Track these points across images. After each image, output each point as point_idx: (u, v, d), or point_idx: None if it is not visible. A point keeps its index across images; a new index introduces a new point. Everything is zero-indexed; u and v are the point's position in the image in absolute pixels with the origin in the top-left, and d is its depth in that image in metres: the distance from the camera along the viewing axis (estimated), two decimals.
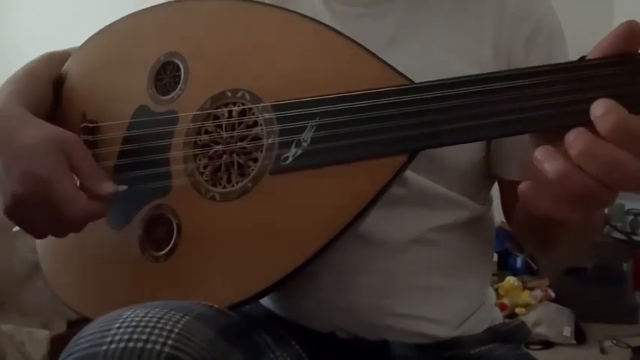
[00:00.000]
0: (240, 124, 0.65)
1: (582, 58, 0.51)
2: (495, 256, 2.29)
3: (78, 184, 0.63)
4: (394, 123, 0.56)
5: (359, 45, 0.61)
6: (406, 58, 0.59)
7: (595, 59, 0.49)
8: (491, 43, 0.71)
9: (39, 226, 0.64)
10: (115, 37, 0.78)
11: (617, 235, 2.45)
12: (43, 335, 1.69)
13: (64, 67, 0.78)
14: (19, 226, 0.66)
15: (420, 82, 0.57)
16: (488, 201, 0.78)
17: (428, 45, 0.70)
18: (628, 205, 2.50)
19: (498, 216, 0.80)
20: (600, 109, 0.44)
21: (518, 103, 0.51)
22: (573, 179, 0.44)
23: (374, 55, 0.61)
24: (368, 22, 0.71)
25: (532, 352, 0.81)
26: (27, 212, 0.62)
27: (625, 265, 2.37)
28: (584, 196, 0.45)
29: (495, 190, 0.78)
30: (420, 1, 0.73)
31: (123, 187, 0.66)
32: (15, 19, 3.28)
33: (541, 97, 0.51)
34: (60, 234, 0.64)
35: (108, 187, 0.64)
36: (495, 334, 0.75)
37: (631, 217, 2.49)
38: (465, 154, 0.71)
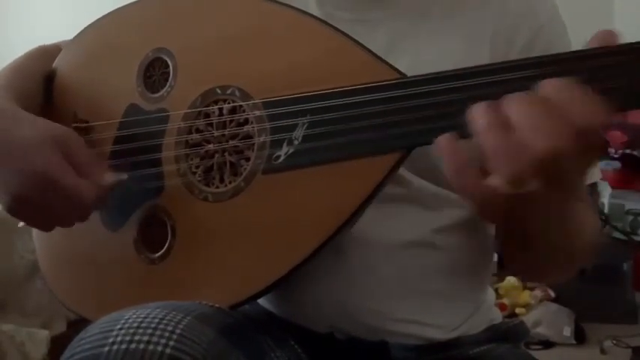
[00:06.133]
0: (231, 122, 0.64)
1: None
2: (495, 256, 2.28)
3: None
4: (388, 119, 0.55)
5: (352, 39, 0.60)
6: (401, 67, 0.58)
7: (594, 48, 0.48)
8: (488, 53, 0.70)
9: (45, 221, 0.65)
10: (103, 32, 0.77)
11: (617, 235, 2.44)
12: (43, 335, 1.69)
13: (54, 64, 0.78)
14: (25, 223, 0.67)
15: (414, 76, 0.55)
16: None
17: (424, 54, 0.69)
18: (628, 205, 2.50)
19: None
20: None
21: None
22: (494, 130, 0.45)
23: (367, 49, 0.60)
24: (362, 28, 0.70)
25: (532, 352, 0.81)
26: (30, 210, 0.63)
27: (625, 265, 2.37)
28: (499, 154, 0.45)
29: None
30: (416, 9, 0.72)
31: (124, 176, 0.66)
32: (13, 18, 3.28)
33: None
34: (68, 224, 0.66)
35: (108, 177, 0.65)
36: (494, 334, 0.75)
37: (631, 217, 2.49)
38: None
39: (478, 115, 0.47)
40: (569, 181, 0.48)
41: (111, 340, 0.49)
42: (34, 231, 0.79)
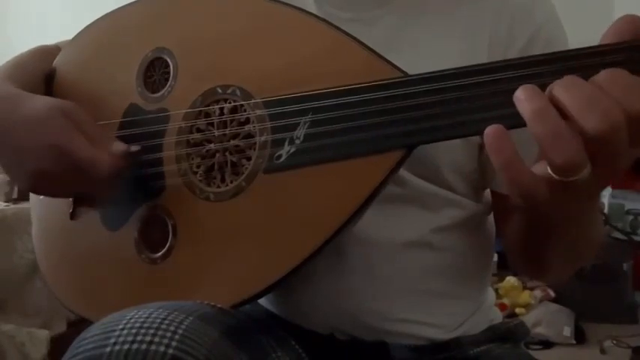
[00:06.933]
0: (231, 121, 0.64)
1: None
2: (495, 256, 2.28)
3: None
4: (389, 118, 0.55)
5: (352, 37, 0.60)
6: (399, 65, 0.58)
7: (596, 46, 0.47)
8: (486, 52, 0.70)
9: (64, 191, 0.67)
10: (102, 32, 0.77)
11: (617, 235, 2.45)
12: (43, 335, 1.69)
13: (54, 64, 0.78)
14: (50, 196, 0.69)
15: (416, 74, 0.55)
16: (486, 201, 0.77)
17: (422, 52, 0.69)
18: (628, 205, 2.50)
19: None
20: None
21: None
22: (547, 116, 0.42)
23: (367, 47, 0.59)
24: (360, 27, 0.70)
25: (532, 352, 0.81)
26: (49, 183, 0.63)
27: (625, 265, 2.37)
28: (554, 140, 0.42)
29: None
30: (414, 7, 0.72)
31: (135, 148, 0.66)
32: (14, 18, 3.28)
33: (543, 88, 0.47)
34: (87, 192, 0.67)
35: (117, 146, 0.65)
36: (494, 334, 0.75)
37: (631, 217, 2.50)
38: (460, 149, 0.70)
39: (525, 99, 0.44)
40: (616, 169, 0.45)
41: (113, 340, 0.48)
42: (34, 231, 0.79)
